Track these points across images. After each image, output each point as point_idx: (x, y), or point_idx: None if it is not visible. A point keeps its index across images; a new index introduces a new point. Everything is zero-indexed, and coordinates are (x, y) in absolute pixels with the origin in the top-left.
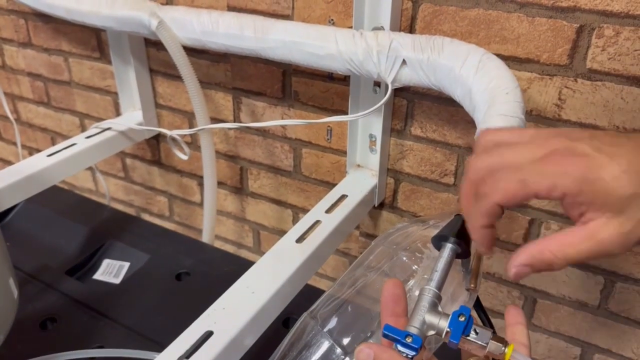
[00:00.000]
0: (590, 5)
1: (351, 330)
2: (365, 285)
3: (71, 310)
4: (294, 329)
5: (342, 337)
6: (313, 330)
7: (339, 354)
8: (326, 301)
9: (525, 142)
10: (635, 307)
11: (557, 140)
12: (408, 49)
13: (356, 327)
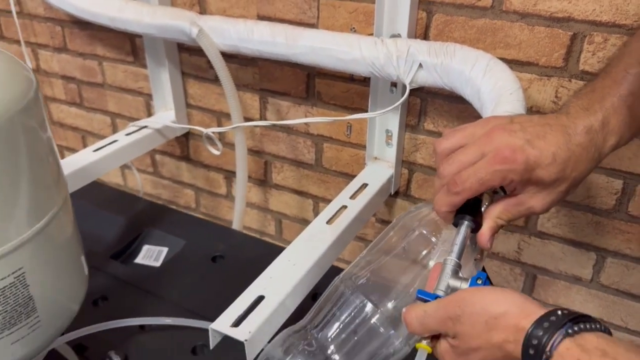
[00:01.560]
0: (583, 16)
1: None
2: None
3: (119, 289)
4: (328, 289)
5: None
6: (346, 288)
7: (371, 309)
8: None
9: (474, 142)
10: (623, 279)
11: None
12: (424, 54)
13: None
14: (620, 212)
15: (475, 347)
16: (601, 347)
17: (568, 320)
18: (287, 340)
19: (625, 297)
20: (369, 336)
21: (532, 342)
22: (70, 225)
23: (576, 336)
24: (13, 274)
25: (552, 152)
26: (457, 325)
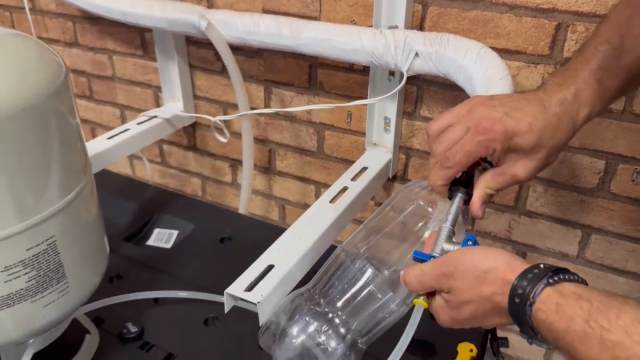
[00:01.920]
0: (566, 7)
1: (378, 256)
2: (389, 226)
3: (133, 268)
4: (331, 257)
5: (371, 260)
6: (348, 255)
7: (371, 271)
8: (356, 237)
9: (459, 120)
10: (607, 255)
11: (478, 110)
12: (420, 44)
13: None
14: (603, 190)
15: (466, 300)
16: (577, 292)
17: (549, 272)
18: (294, 302)
19: (609, 271)
20: (369, 298)
21: (517, 292)
22: (94, 201)
23: (556, 285)
24: (46, 241)
25: (528, 122)
26: (451, 280)
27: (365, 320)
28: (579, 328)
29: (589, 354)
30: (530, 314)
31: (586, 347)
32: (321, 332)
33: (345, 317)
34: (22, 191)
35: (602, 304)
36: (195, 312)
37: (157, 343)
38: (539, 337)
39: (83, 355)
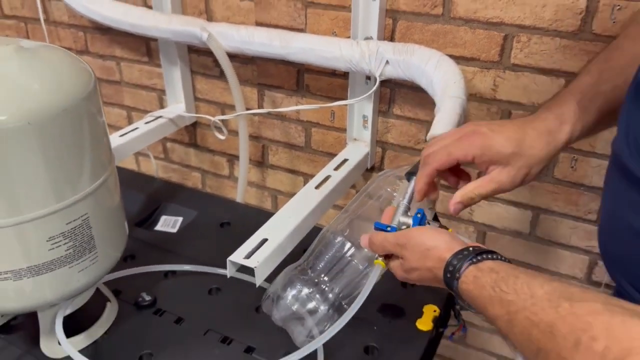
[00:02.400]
0: (511, 21)
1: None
2: (364, 210)
3: (144, 249)
4: (318, 237)
5: (350, 238)
6: (331, 233)
7: (349, 244)
8: (339, 219)
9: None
10: (554, 232)
11: (467, 126)
12: (390, 53)
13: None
14: (548, 176)
15: (414, 267)
16: (491, 267)
17: (475, 253)
18: (288, 274)
19: (556, 246)
20: (350, 268)
21: (449, 269)
22: (117, 187)
23: (478, 263)
24: (81, 217)
25: (506, 134)
26: (404, 250)
27: (346, 285)
28: (486, 293)
29: (494, 312)
30: (457, 285)
31: (491, 307)
32: (310, 295)
33: (330, 284)
34: (63, 177)
35: (506, 274)
36: (200, 283)
37: (169, 309)
38: (465, 303)
39: (105, 320)
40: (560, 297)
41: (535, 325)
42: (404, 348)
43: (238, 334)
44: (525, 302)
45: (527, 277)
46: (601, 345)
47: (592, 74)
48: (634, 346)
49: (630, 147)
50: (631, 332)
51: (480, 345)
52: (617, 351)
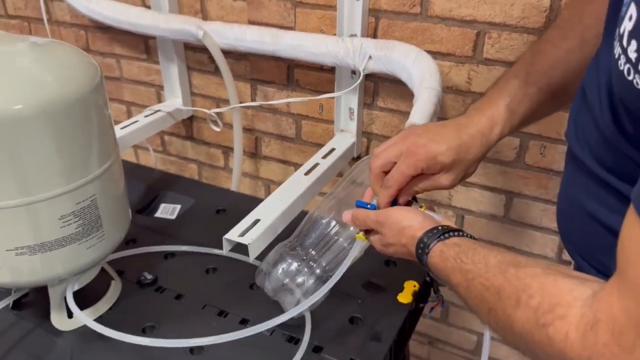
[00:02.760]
0: (483, 19)
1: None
2: (348, 194)
3: (145, 234)
4: (307, 217)
5: (335, 219)
6: (318, 213)
7: (334, 224)
8: (325, 200)
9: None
10: (526, 214)
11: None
12: (373, 49)
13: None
14: (519, 162)
15: (391, 243)
16: (455, 242)
17: (443, 232)
18: (278, 251)
19: (528, 228)
20: (335, 244)
21: (420, 245)
22: (121, 172)
23: (445, 240)
24: (89, 198)
25: (446, 143)
26: (382, 227)
27: (331, 260)
28: (449, 265)
29: (455, 280)
30: (427, 259)
31: (453, 276)
32: (299, 269)
33: (317, 259)
34: (74, 161)
35: (467, 247)
36: (198, 264)
37: (169, 287)
38: (434, 275)
39: (110, 296)
40: (509, 264)
41: (487, 288)
42: (386, 318)
43: (233, 308)
44: (480, 270)
45: (485, 250)
46: (536, 301)
47: (520, 77)
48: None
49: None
50: (560, 288)
51: (461, 324)
52: (547, 304)
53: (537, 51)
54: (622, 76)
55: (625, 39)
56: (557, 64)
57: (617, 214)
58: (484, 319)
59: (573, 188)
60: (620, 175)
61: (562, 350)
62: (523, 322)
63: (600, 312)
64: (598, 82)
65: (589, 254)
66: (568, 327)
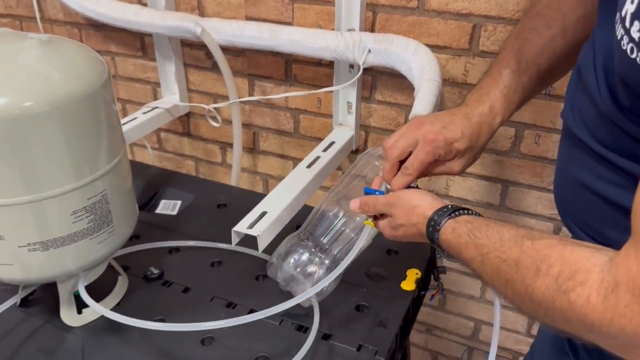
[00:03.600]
0: (479, 12)
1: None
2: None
3: (148, 230)
4: (314, 210)
5: (343, 209)
6: (326, 205)
7: (342, 215)
8: (331, 192)
9: (407, 133)
10: (522, 202)
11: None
12: (372, 43)
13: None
14: (515, 151)
15: (401, 224)
16: (466, 219)
17: (453, 210)
18: (289, 242)
19: (524, 215)
20: (341, 234)
21: (431, 223)
22: (128, 169)
23: (455, 217)
24: (100, 193)
25: (460, 130)
26: (393, 208)
27: (340, 250)
28: (463, 240)
29: (469, 255)
30: (438, 237)
31: (466, 251)
32: (310, 259)
33: (327, 248)
34: (85, 157)
35: (479, 224)
36: (203, 258)
37: (176, 281)
38: (445, 253)
39: (117, 291)
40: (524, 237)
41: (503, 261)
42: (391, 305)
43: (241, 299)
44: (495, 244)
45: (497, 226)
46: (556, 270)
47: (512, 66)
48: (580, 266)
49: (576, 119)
50: (579, 256)
51: (458, 311)
52: (567, 272)
53: (523, 40)
54: (624, 55)
55: (628, 20)
56: (544, 51)
57: (614, 185)
58: (500, 291)
59: (570, 163)
60: (617, 150)
61: (584, 313)
62: (543, 290)
63: (619, 275)
64: (594, 62)
65: (587, 225)
66: (589, 292)
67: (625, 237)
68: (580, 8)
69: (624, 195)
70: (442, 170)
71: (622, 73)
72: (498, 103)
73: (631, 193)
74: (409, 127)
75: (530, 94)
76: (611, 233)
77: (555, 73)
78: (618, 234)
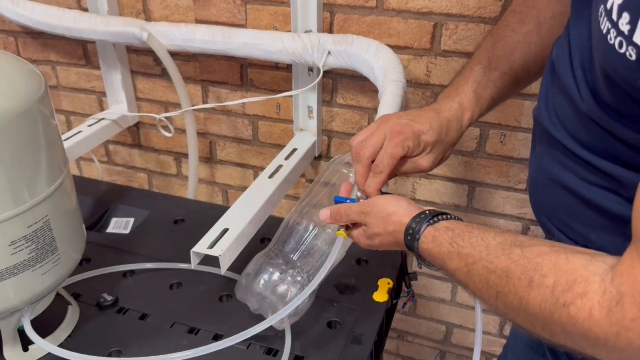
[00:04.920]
0: (440, 10)
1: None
2: (321, 197)
3: (99, 252)
4: (283, 224)
5: (313, 221)
6: (295, 218)
7: (313, 228)
8: (299, 205)
9: (376, 131)
10: (490, 203)
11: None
12: (331, 44)
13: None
14: (480, 152)
15: (377, 233)
16: (447, 226)
17: (432, 216)
18: (258, 261)
19: (492, 216)
20: (313, 248)
21: (409, 232)
22: (73, 190)
23: (435, 224)
24: (42, 220)
25: (428, 123)
26: (367, 217)
27: (313, 266)
28: (445, 250)
29: (453, 266)
30: (418, 246)
31: (451, 261)
32: (281, 279)
33: (299, 265)
34: (24, 180)
35: (461, 231)
36: (161, 280)
37: (132, 307)
38: (426, 262)
39: (68, 323)
40: (512, 245)
41: (492, 272)
42: (364, 319)
43: (204, 323)
44: (481, 253)
45: (480, 232)
46: (551, 280)
47: (483, 63)
48: (577, 276)
49: (550, 114)
50: (575, 265)
51: (430, 315)
52: (564, 282)
53: (497, 37)
54: (612, 50)
55: (616, 13)
56: (518, 47)
57: (597, 187)
58: (491, 303)
59: (548, 165)
60: (599, 152)
61: (587, 327)
62: (539, 302)
63: (623, 286)
64: (572, 61)
65: (567, 226)
66: (591, 305)
67: (608, 239)
68: (557, 5)
69: (607, 197)
70: (411, 167)
71: (609, 69)
72: (467, 99)
73: (614, 195)
74: (377, 124)
75: (504, 91)
76: (594, 235)
77: (531, 70)
78: (600, 236)
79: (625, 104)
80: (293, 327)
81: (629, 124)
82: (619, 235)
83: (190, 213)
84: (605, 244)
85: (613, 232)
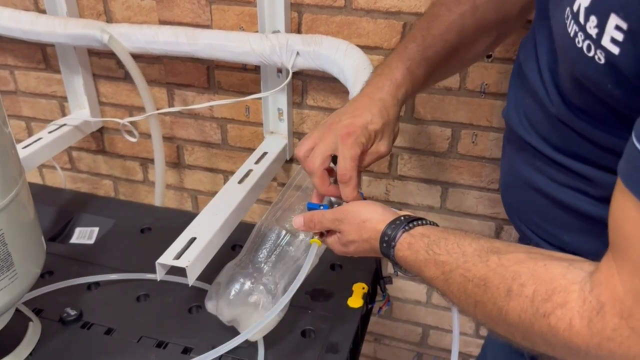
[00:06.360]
0: (409, 10)
1: (289, 226)
2: (293, 201)
3: (61, 264)
4: (253, 231)
5: (285, 227)
6: (266, 225)
7: (285, 234)
8: (271, 211)
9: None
10: (463, 203)
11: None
12: (300, 45)
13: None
14: (452, 152)
15: (352, 240)
16: (422, 232)
17: (407, 222)
18: (229, 272)
19: (465, 216)
20: (286, 255)
21: (384, 238)
22: (30, 201)
23: (410, 230)
24: None
25: (369, 112)
26: (341, 224)
27: (286, 273)
28: (421, 257)
29: (430, 274)
30: (393, 253)
31: (427, 269)
32: (253, 288)
33: (271, 274)
34: None
35: (437, 237)
36: (127, 292)
37: (96, 321)
38: (402, 269)
39: (28, 340)
40: (488, 252)
41: (470, 280)
42: (339, 326)
43: (173, 336)
44: (458, 260)
45: (456, 238)
46: (530, 290)
47: (417, 41)
48: (556, 285)
49: (519, 116)
50: (553, 273)
51: (406, 317)
52: (543, 292)
53: (432, 16)
54: (580, 54)
55: (582, 15)
56: (452, 27)
57: (568, 188)
58: (469, 312)
59: (519, 166)
60: (569, 153)
61: (568, 338)
62: (519, 312)
63: (603, 295)
64: (538, 64)
65: (540, 228)
66: (571, 315)
67: (581, 239)
68: None
69: (579, 198)
70: (372, 158)
71: (578, 73)
72: (402, 76)
73: (585, 196)
74: (319, 132)
75: (437, 69)
76: (566, 235)
77: (463, 53)
78: (573, 237)
79: (594, 106)
80: (265, 338)
81: (598, 125)
82: (591, 235)
83: (158, 221)
84: (578, 244)
85: (585, 232)
